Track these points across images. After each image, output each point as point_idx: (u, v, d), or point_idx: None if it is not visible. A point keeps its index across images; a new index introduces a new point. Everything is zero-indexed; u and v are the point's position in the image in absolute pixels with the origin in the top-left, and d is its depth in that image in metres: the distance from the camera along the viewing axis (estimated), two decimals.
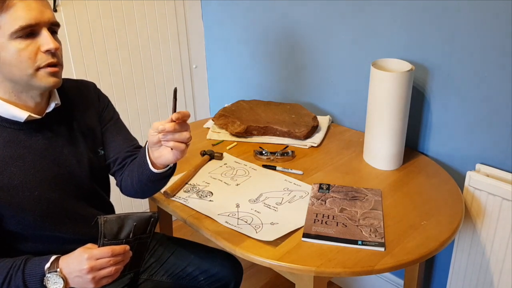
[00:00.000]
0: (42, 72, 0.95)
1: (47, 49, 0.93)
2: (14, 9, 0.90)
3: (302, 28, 1.77)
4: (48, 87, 0.97)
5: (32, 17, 0.91)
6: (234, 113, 1.71)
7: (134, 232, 0.97)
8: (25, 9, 0.91)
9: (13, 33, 0.90)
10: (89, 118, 1.15)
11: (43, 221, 1.02)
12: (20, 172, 0.99)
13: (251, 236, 1.12)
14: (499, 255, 1.36)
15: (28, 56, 0.92)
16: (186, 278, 1.31)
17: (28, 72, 0.94)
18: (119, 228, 0.96)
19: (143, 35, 2.01)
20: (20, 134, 1.00)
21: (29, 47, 0.92)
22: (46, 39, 0.93)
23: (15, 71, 0.93)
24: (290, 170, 1.43)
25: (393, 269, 1.05)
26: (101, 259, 0.92)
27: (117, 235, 0.95)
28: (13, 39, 0.91)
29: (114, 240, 0.95)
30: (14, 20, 0.90)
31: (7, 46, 0.91)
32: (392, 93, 1.34)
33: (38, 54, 0.94)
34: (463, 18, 1.32)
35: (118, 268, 0.94)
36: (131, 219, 0.97)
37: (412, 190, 1.33)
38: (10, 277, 0.93)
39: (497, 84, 1.31)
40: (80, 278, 0.92)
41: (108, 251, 0.92)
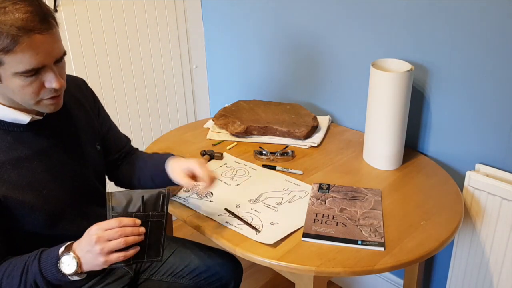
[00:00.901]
0: (44, 102, 0.97)
1: (52, 87, 0.94)
2: (21, 52, 0.87)
3: (302, 28, 1.78)
4: (49, 111, 1.00)
5: (38, 62, 0.89)
6: (234, 113, 1.71)
7: (143, 207, 0.95)
8: (32, 55, 0.88)
9: (18, 73, 0.89)
10: (85, 114, 1.17)
11: (52, 220, 1.03)
12: (27, 173, 1.00)
13: (251, 238, 1.12)
14: (499, 255, 1.36)
15: (32, 91, 0.93)
16: (186, 278, 1.31)
17: (30, 102, 0.95)
18: (128, 202, 0.94)
19: (143, 35, 2.01)
20: (24, 136, 1.01)
21: (33, 84, 0.92)
22: (51, 78, 0.93)
23: (18, 98, 0.95)
24: (290, 170, 1.44)
25: (393, 269, 1.06)
26: (109, 230, 0.90)
27: (126, 208, 0.94)
28: (17, 76, 0.90)
29: (123, 213, 0.93)
30: (19, 63, 0.88)
31: (11, 80, 0.91)
32: (392, 93, 1.35)
33: (42, 89, 0.94)
34: (463, 18, 1.32)
35: (128, 240, 0.90)
36: (139, 194, 0.95)
37: (411, 190, 1.33)
38: (27, 268, 0.94)
39: (497, 84, 1.31)
40: (90, 253, 0.90)
41: (116, 221, 0.91)
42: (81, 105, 1.16)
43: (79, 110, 1.15)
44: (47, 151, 1.04)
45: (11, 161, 0.98)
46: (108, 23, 1.88)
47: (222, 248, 1.19)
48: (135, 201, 0.95)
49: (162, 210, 0.97)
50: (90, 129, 1.17)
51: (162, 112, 2.20)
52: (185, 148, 1.59)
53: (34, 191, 1.00)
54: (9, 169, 0.97)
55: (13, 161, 0.98)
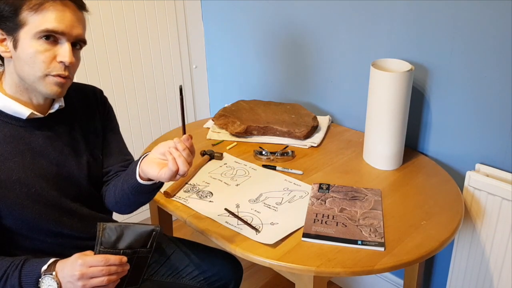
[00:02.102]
0: (49, 79, 0.97)
1: (62, 60, 0.95)
2: (48, 13, 0.92)
3: (302, 28, 1.78)
4: (50, 94, 0.99)
5: (60, 27, 0.93)
6: (234, 113, 1.71)
7: (132, 244, 0.93)
8: (57, 17, 0.93)
9: (37, 33, 0.92)
10: (92, 123, 1.16)
11: (40, 219, 1.02)
12: (18, 168, 0.99)
13: (251, 238, 1.12)
14: (499, 255, 1.36)
15: (43, 60, 0.94)
16: (186, 278, 1.31)
17: (37, 74, 0.95)
18: (118, 237, 0.92)
19: (143, 35, 2.01)
20: (21, 131, 1.01)
21: (47, 52, 0.94)
22: (65, 51, 0.95)
23: (26, 68, 0.95)
24: (290, 170, 1.44)
25: (393, 269, 1.05)
26: (93, 267, 0.89)
27: (115, 245, 0.92)
28: (35, 39, 0.93)
29: (111, 249, 0.92)
30: (43, 22, 0.92)
31: (28, 43, 0.93)
32: (392, 93, 1.34)
33: (53, 62, 0.95)
34: (463, 18, 1.32)
35: (111, 279, 0.90)
36: (131, 230, 0.93)
37: (411, 190, 1.33)
38: (7, 276, 0.93)
39: (497, 84, 1.31)
40: (72, 284, 0.90)
41: (102, 259, 0.89)
42: (90, 112, 1.16)
43: (86, 116, 1.14)
44: (42, 150, 1.03)
45: (4, 154, 0.98)
46: (108, 23, 1.88)
47: (222, 248, 1.19)
48: (126, 237, 0.93)
49: (151, 247, 0.96)
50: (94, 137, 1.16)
51: (162, 112, 2.20)
52: None
53: (23, 188, 0.99)
54: (1, 163, 0.97)
55: (6, 155, 0.98)
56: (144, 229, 0.94)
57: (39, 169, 1.02)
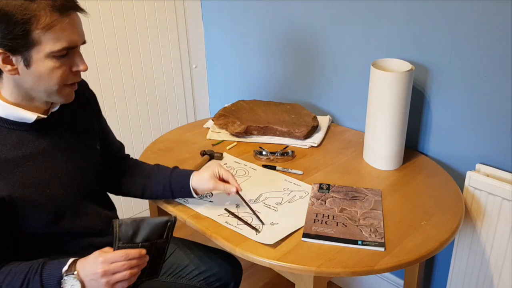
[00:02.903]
0: (67, 89, 0.99)
1: (79, 69, 0.98)
2: (60, 31, 0.92)
3: (302, 27, 1.77)
4: (64, 101, 1.02)
5: (74, 41, 0.95)
6: (234, 113, 1.71)
7: (149, 237, 0.96)
8: (70, 33, 0.94)
9: (53, 52, 0.93)
10: (87, 115, 1.17)
11: (55, 219, 1.03)
12: (32, 171, 1.00)
13: (251, 238, 1.12)
14: (499, 255, 1.36)
15: (61, 75, 0.96)
16: (186, 278, 1.31)
17: (54, 88, 0.97)
18: (134, 231, 0.95)
19: (143, 35, 2.01)
20: (28, 135, 1.01)
21: (63, 66, 0.96)
22: (80, 60, 0.99)
23: (42, 84, 0.96)
24: (290, 170, 1.44)
25: (393, 269, 1.05)
26: (115, 263, 0.91)
27: (132, 239, 0.94)
28: (49, 58, 0.93)
29: (130, 244, 0.94)
30: (57, 41, 0.92)
31: (42, 62, 0.93)
32: (392, 93, 1.34)
33: (69, 73, 0.98)
34: (463, 18, 1.32)
35: (133, 272, 0.93)
36: (146, 223, 0.95)
37: (412, 190, 1.33)
38: (28, 280, 0.93)
39: (497, 84, 1.31)
40: (95, 281, 0.92)
41: (122, 254, 0.92)
42: (84, 105, 1.17)
43: (81, 110, 1.16)
44: (51, 150, 1.04)
45: (16, 160, 0.98)
46: (108, 23, 1.88)
47: (222, 248, 1.19)
48: (142, 230, 0.95)
49: (167, 237, 0.99)
50: (91, 129, 1.18)
51: (162, 112, 2.19)
52: (185, 148, 1.59)
53: (38, 190, 1.00)
54: (14, 168, 0.98)
55: (18, 160, 0.98)
56: (159, 220, 0.97)
57: (51, 169, 1.03)
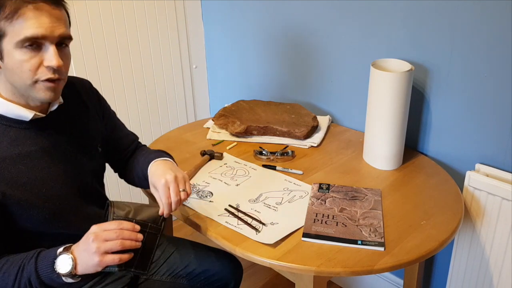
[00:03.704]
0: (40, 85, 0.95)
1: (49, 65, 0.93)
2: (24, 19, 0.89)
3: (302, 27, 1.78)
4: (44, 100, 0.98)
5: (39, 32, 0.90)
6: (234, 113, 1.71)
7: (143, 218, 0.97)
8: (35, 23, 0.90)
9: (18, 42, 0.90)
10: (89, 116, 1.17)
11: (51, 218, 1.03)
12: (27, 170, 1.00)
13: (251, 238, 1.12)
14: (499, 255, 1.36)
15: (29, 68, 0.92)
16: (186, 278, 1.31)
17: (27, 82, 0.94)
18: (129, 211, 0.97)
19: (143, 35, 2.01)
20: (26, 133, 1.01)
21: (32, 59, 0.92)
22: (50, 55, 0.93)
23: (15, 78, 0.94)
24: (290, 170, 1.44)
25: (392, 268, 1.06)
26: (107, 230, 0.92)
27: (127, 215, 0.96)
28: (18, 48, 0.91)
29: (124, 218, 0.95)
30: (21, 31, 0.89)
31: (12, 53, 0.91)
32: (392, 93, 1.34)
33: (40, 67, 0.93)
34: (463, 18, 1.32)
35: (124, 243, 0.91)
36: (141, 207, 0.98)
37: (411, 190, 1.33)
38: (24, 266, 0.94)
39: (497, 84, 1.31)
40: (86, 252, 0.91)
41: (116, 222, 0.93)
42: (85, 106, 1.17)
43: (82, 111, 1.15)
44: (48, 150, 1.04)
45: (12, 158, 0.98)
46: (108, 23, 1.88)
47: (222, 248, 1.19)
48: (137, 212, 0.98)
49: (160, 225, 1.00)
50: (93, 130, 1.17)
51: (162, 112, 2.20)
52: (185, 148, 1.59)
53: (33, 189, 1.00)
54: (9, 166, 0.97)
55: (14, 158, 0.98)
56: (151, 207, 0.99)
57: (47, 168, 1.03)
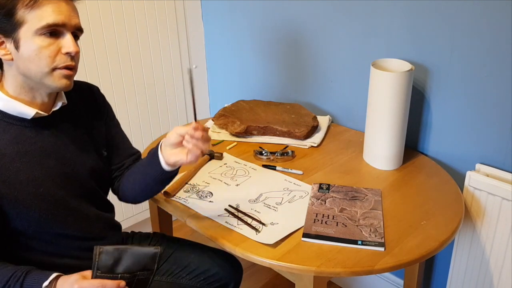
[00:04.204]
0: (57, 73, 0.97)
1: (68, 51, 0.96)
2: (44, 8, 0.92)
3: (302, 27, 1.78)
4: (60, 88, 0.99)
5: (59, 19, 0.94)
6: (234, 113, 1.71)
7: (131, 268, 0.92)
8: (54, 10, 0.93)
9: (38, 29, 0.92)
10: (94, 120, 1.16)
11: (47, 219, 1.02)
12: (26, 168, 0.99)
13: (251, 238, 1.12)
14: (499, 255, 1.36)
15: (48, 55, 0.94)
16: (186, 278, 1.31)
17: (44, 70, 0.95)
18: (115, 261, 0.91)
19: (142, 35, 2.01)
20: (27, 131, 1.01)
21: (51, 46, 0.95)
22: (69, 42, 0.96)
23: (32, 66, 0.95)
24: (290, 170, 1.44)
25: (393, 269, 1.05)
26: None
27: (112, 268, 0.90)
28: (37, 36, 0.93)
29: (109, 274, 0.90)
30: (42, 18, 0.92)
31: (30, 41, 0.93)
32: (392, 93, 1.34)
33: (58, 54, 0.96)
34: (463, 18, 1.32)
35: None
36: (129, 254, 0.91)
37: (412, 190, 1.33)
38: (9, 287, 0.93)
39: (496, 84, 1.31)
40: None
41: (98, 285, 0.89)
42: (90, 110, 1.16)
43: (87, 114, 1.15)
44: (48, 149, 1.03)
45: (11, 155, 0.98)
46: (107, 23, 1.88)
47: (222, 248, 1.19)
48: (124, 261, 0.91)
49: (152, 268, 0.95)
50: (97, 134, 1.16)
51: (162, 112, 2.19)
52: None
53: (30, 188, 0.99)
54: (8, 163, 0.97)
55: (13, 155, 0.98)
56: (144, 252, 0.93)
57: (46, 168, 1.02)
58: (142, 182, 1.15)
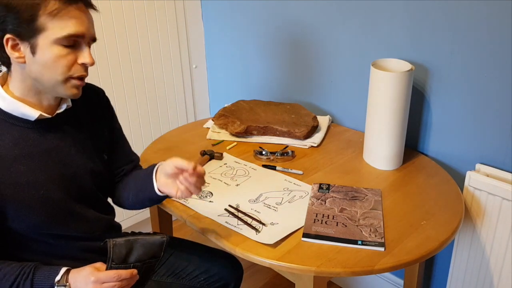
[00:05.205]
0: (71, 82, 0.98)
1: (85, 62, 0.97)
2: (67, 18, 0.93)
3: (302, 28, 1.78)
4: (69, 96, 1.00)
5: (80, 30, 0.94)
6: (234, 113, 1.71)
7: (142, 257, 0.98)
8: (77, 21, 0.94)
9: (59, 39, 0.93)
10: (98, 123, 1.16)
11: (47, 221, 1.02)
12: (27, 170, 0.99)
13: (251, 238, 1.12)
14: (499, 255, 1.36)
15: (66, 64, 0.95)
16: (186, 278, 1.31)
17: (59, 78, 0.96)
18: (128, 252, 0.96)
19: (143, 35, 2.01)
20: (30, 133, 1.00)
21: (69, 55, 0.95)
22: (86, 53, 0.97)
23: (47, 73, 0.95)
24: (290, 170, 1.44)
25: (393, 269, 1.05)
26: (106, 283, 0.93)
27: (126, 259, 0.96)
28: (56, 44, 0.93)
29: (122, 264, 0.96)
30: (64, 27, 0.92)
31: (48, 48, 0.93)
32: (392, 93, 1.34)
33: (74, 65, 0.97)
34: (463, 18, 1.32)
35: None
36: (140, 244, 0.97)
37: (412, 190, 1.33)
38: (18, 285, 0.93)
39: (497, 84, 1.31)
40: None
41: (114, 275, 0.93)
42: (94, 113, 1.16)
43: (91, 117, 1.14)
44: (50, 152, 1.03)
45: (13, 157, 0.97)
46: (107, 23, 1.88)
47: (222, 248, 1.19)
48: (135, 250, 0.97)
49: (159, 255, 1.01)
50: (99, 137, 1.16)
51: (162, 112, 2.19)
52: (185, 148, 1.59)
53: (32, 190, 0.99)
54: (9, 165, 0.97)
55: (15, 157, 0.97)
56: (152, 241, 0.99)
57: (47, 170, 1.02)
58: (137, 196, 1.17)
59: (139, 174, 1.20)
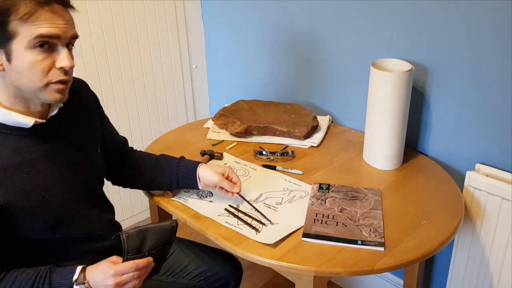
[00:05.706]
0: (51, 87, 0.94)
1: (62, 66, 0.92)
2: (38, 21, 0.88)
3: (302, 28, 1.78)
4: (53, 101, 0.97)
5: (52, 31, 0.89)
6: (234, 113, 1.71)
7: (155, 245, 0.99)
8: (50, 23, 0.89)
9: (30, 41, 0.88)
10: (88, 117, 1.15)
11: (54, 224, 1.02)
12: (31, 178, 0.98)
13: (251, 238, 1.12)
14: (499, 255, 1.36)
15: (42, 70, 0.91)
16: (186, 278, 1.31)
17: (37, 85, 0.92)
18: (141, 241, 0.97)
19: (143, 35, 2.01)
20: (27, 140, 0.99)
21: (45, 60, 0.91)
22: (63, 56, 0.92)
23: (24, 80, 0.92)
24: (290, 170, 1.44)
25: (393, 269, 1.06)
26: (126, 274, 0.95)
27: (140, 249, 0.97)
28: (30, 49, 0.89)
29: (138, 254, 0.97)
30: (35, 29, 0.88)
31: (23, 54, 0.89)
32: (392, 93, 1.34)
33: (52, 69, 0.92)
34: (463, 18, 1.32)
35: (141, 278, 0.98)
36: (152, 232, 0.99)
37: (412, 190, 1.33)
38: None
39: (497, 84, 1.31)
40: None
41: (132, 266, 0.95)
42: (83, 108, 1.15)
43: (81, 113, 1.14)
44: (49, 156, 1.02)
45: (14, 166, 0.96)
46: (108, 23, 1.88)
47: (222, 248, 1.19)
48: (148, 239, 0.99)
49: (171, 240, 1.03)
50: (92, 132, 1.15)
51: (162, 112, 2.20)
52: (185, 148, 1.59)
53: (36, 196, 0.98)
54: (12, 174, 0.95)
55: (16, 166, 0.96)
56: (163, 227, 1.01)
57: (49, 175, 1.01)
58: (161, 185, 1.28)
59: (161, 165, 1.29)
